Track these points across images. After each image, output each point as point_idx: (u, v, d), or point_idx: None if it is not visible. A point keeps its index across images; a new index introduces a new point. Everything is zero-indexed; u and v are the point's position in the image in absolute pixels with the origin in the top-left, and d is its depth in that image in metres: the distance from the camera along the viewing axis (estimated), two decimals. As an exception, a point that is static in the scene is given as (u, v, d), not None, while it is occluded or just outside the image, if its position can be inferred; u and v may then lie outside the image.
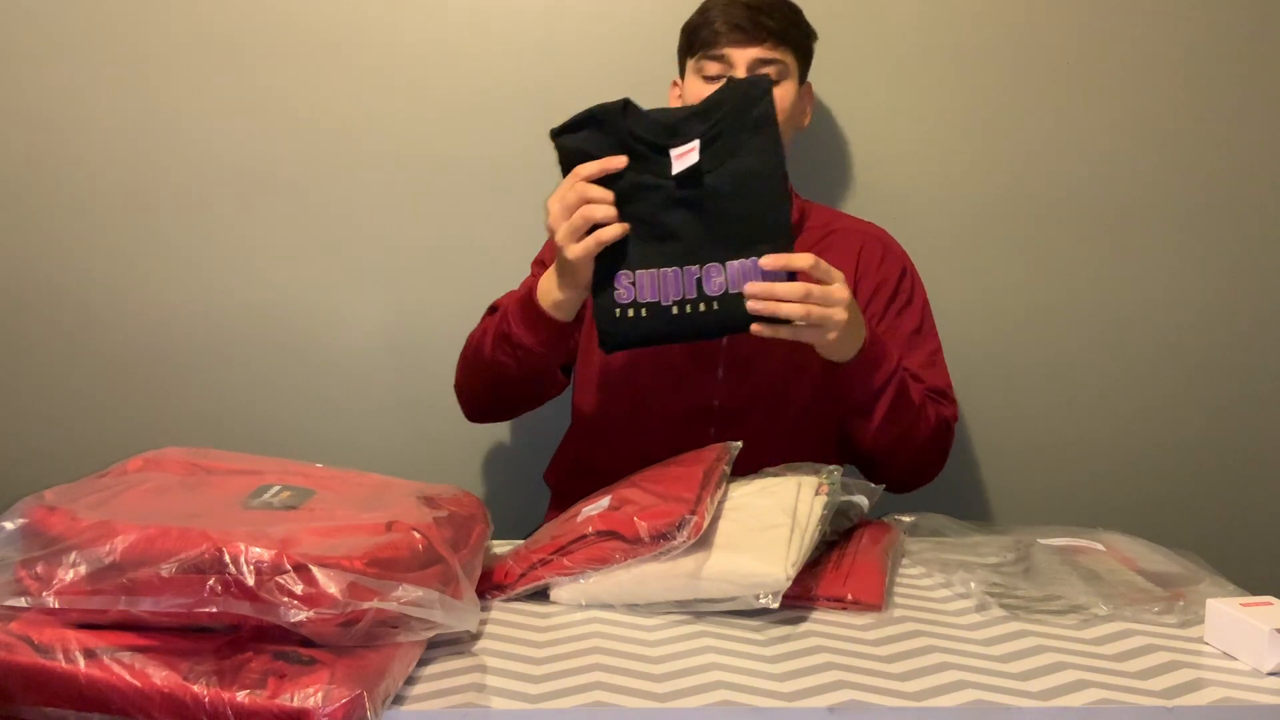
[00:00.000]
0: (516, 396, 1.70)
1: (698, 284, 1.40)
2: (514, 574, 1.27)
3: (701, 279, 1.40)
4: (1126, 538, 1.45)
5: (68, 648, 0.97)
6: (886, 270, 1.71)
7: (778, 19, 1.65)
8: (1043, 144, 2.03)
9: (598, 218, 1.38)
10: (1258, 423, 2.12)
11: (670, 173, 1.40)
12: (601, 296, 1.42)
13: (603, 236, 1.38)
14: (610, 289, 1.42)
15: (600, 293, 1.43)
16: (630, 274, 1.41)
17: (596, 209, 1.38)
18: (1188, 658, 1.14)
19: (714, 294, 1.40)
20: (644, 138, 1.42)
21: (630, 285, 1.41)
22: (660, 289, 1.41)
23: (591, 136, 1.42)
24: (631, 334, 1.43)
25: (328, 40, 1.96)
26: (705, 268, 1.40)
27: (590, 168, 1.39)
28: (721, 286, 1.40)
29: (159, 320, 2.02)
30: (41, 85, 1.96)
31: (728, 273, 1.40)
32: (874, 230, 1.78)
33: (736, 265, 1.39)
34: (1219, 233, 2.07)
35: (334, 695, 0.94)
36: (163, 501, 1.14)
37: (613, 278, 1.42)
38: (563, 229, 1.40)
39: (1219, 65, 2.02)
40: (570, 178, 1.41)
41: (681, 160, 1.39)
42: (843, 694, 1.05)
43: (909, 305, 1.72)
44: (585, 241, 1.39)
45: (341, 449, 2.02)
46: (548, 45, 1.97)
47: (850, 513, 1.42)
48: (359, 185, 2.00)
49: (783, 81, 1.65)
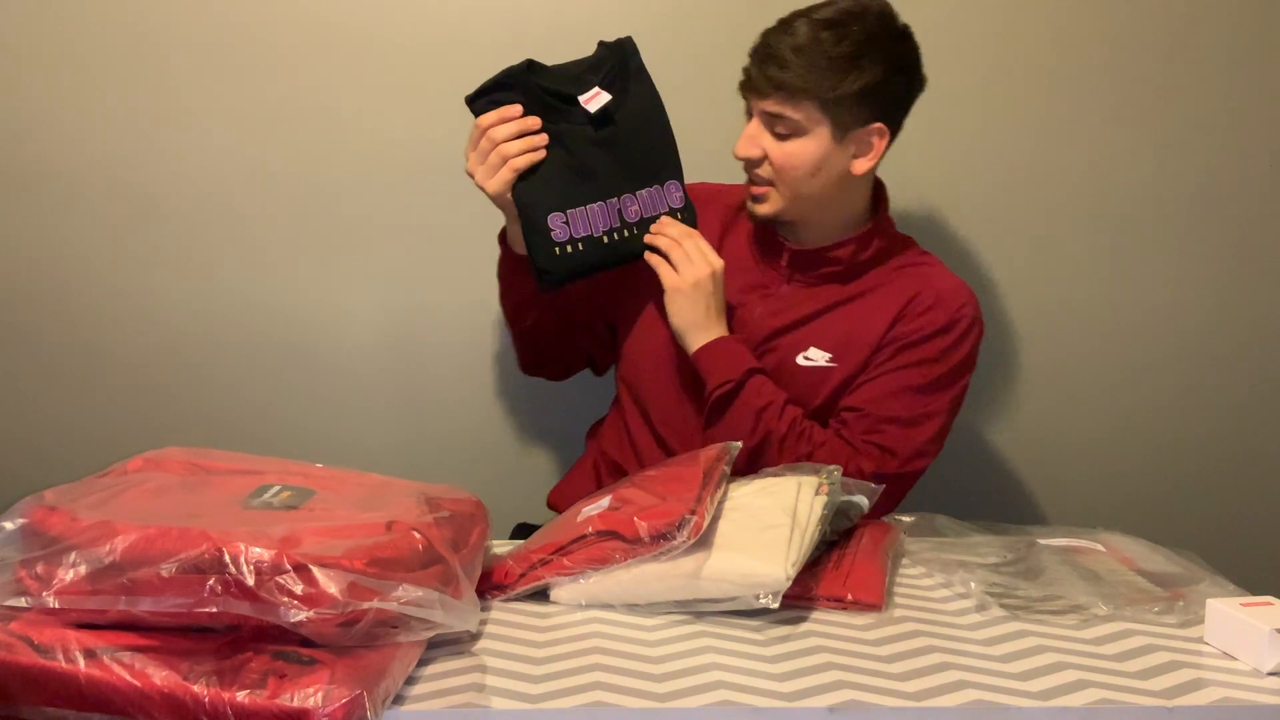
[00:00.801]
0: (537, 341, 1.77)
1: (619, 214, 1.60)
2: (514, 574, 1.27)
3: (621, 209, 1.60)
4: (1126, 538, 1.45)
5: (68, 648, 0.97)
6: (924, 320, 1.61)
7: (795, 70, 1.53)
8: (1043, 144, 2.03)
9: (510, 153, 1.54)
10: (1258, 423, 2.12)
11: (583, 118, 1.58)
12: (536, 238, 1.57)
13: (516, 164, 1.54)
14: (545, 231, 1.57)
15: (535, 235, 1.57)
16: (562, 214, 1.57)
17: (509, 146, 1.54)
18: (1188, 658, 1.14)
19: (633, 220, 1.61)
20: (554, 89, 1.58)
21: (564, 224, 1.57)
22: (590, 223, 1.58)
23: (504, 97, 1.56)
24: (572, 267, 1.59)
25: (329, 41, 1.96)
26: (622, 199, 1.60)
27: (489, 117, 1.55)
28: (638, 213, 1.61)
29: (159, 320, 2.02)
30: (43, 85, 1.96)
31: (639, 201, 1.61)
32: (945, 285, 1.65)
33: (646, 194, 1.62)
34: (1219, 233, 2.07)
35: (334, 695, 0.94)
36: (163, 501, 1.14)
37: (545, 220, 1.56)
38: (479, 171, 1.56)
39: (1220, 65, 2.02)
40: (474, 131, 1.56)
41: (593, 102, 1.58)
42: (843, 694, 1.05)
43: (926, 363, 1.61)
44: (501, 172, 1.54)
45: (341, 449, 2.02)
46: (548, 46, 1.96)
47: (850, 513, 1.42)
48: (359, 185, 2.00)
49: (795, 138, 1.57)
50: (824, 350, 1.63)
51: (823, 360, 1.63)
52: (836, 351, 1.63)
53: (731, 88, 1.62)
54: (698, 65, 1.93)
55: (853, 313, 1.64)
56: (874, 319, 1.63)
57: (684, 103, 1.69)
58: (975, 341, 1.66)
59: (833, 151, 1.58)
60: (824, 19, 1.55)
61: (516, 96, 1.56)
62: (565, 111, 1.58)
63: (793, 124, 1.56)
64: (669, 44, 1.82)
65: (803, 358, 1.63)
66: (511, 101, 1.56)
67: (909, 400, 1.61)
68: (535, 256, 1.58)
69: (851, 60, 1.53)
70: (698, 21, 1.98)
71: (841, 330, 1.63)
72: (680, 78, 1.74)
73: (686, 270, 1.58)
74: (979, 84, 2.00)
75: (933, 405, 1.62)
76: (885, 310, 1.62)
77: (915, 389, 1.61)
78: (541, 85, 1.57)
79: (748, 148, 1.60)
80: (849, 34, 1.54)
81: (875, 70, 1.54)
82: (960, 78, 1.99)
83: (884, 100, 1.57)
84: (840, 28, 1.54)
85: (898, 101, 1.60)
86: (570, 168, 1.57)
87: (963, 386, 1.66)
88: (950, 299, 1.63)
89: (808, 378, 1.63)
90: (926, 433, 1.61)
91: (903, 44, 1.59)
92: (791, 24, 1.56)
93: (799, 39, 1.54)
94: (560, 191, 1.57)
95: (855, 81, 1.54)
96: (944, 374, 1.62)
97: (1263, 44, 2.02)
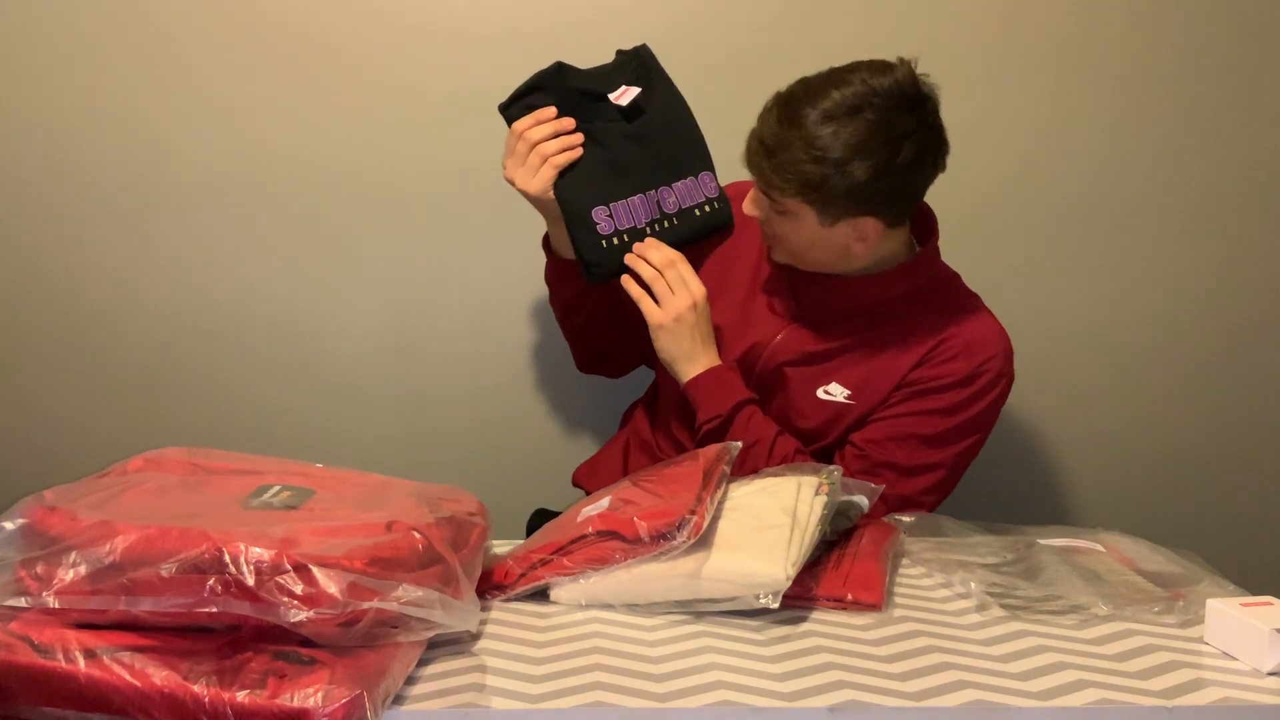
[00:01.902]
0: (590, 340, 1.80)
1: (658, 205, 1.61)
2: (514, 574, 1.27)
3: (659, 200, 1.61)
4: (1126, 538, 1.45)
5: (68, 648, 0.97)
6: (946, 369, 1.57)
7: (779, 168, 1.48)
8: (1038, 144, 2.03)
9: (549, 152, 1.55)
10: (1258, 423, 2.12)
11: (616, 115, 1.60)
12: (583, 233, 1.58)
13: (556, 161, 1.55)
14: (591, 225, 1.57)
15: (581, 230, 1.58)
16: (605, 207, 1.58)
17: (546, 145, 1.55)
18: (1188, 658, 1.14)
19: (671, 211, 1.62)
20: (586, 89, 1.60)
21: (608, 217, 1.58)
22: (632, 215, 1.59)
23: (537, 100, 1.57)
24: (618, 259, 1.59)
25: (329, 43, 1.96)
26: (659, 191, 1.61)
27: (524, 121, 1.56)
28: (675, 204, 1.62)
29: (160, 320, 2.02)
30: (43, 86, 1.96)
31: (675, 193, 1.62)
32: (976, 333, 1.59)
33: (681, 185, 1.62)
34: (1217, 232, 2.07)
35: (334, 695, 0.94)
36: (163, 501, 1.14)
37: (589, 214, 1.57)
38: (519, 174, 1.56)
39: (1215, 65, 2.02)
40: (510, 138, 1.57)
41: (624, 98, 1.60)
42: (843, 694, 1.05)
43: (937, 414, 1.57)
44: (542, 171, 1.55)
45: (341, 449, 2.03)
46: (548, 46, 1.96)
47: (850, 513, 1.42)
48: (360, 186, 2.00)
49: (785, 218, 1.54)
50: (845, 386, 1.60)
51: (841, 396, 1.60)
52: (857, 389, 1.60)
53: (747, 89, 1.60)
54: (709, 67, 1.93)
55: (879, 349, 1.60)
56: (899, 358, 1.59)
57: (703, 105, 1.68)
58: (999, 396, 1.59)
59: (824, 234, 1.53)
60: (826, 111, 1.46)
61: (549, 98, 1.57)
62: (598, 109, 1.60)
63: (781, 206, 1.53)
64: (669, 47, 1.82)
65: (823, 391, 1.61)
66: (545, 103, 1.57)
67: (911, 449, 1.58)
68: (582, 251, 1.58)
69: (838, 164, 1.45)
70: (712, 21, 1.98)
71: (865, 367, 1.60)
72: (700, 78, 1.74)
73: (669, 304, 1.56)
74: (975, 85, 2.00)
75: (935, 458, 1.58)
76: (911, 351, 1.58)
77: (921, 439, 1.58)
78: (573, 85, 1.59)
79: (750, 208, 1.60)
80: (842, 134, 1.45)
81: (861, 174, 1.46)
82: (956, 77, 1.99)
83: (870, 198, 1.49)
84: (835, 124, 1.45)
85: (886, 198, 1.51)
86: (607, 163, 1.58)
87: (975, 441, 1.61)
88: (978, 349, 1.57)
89: (826, 411, 1.61)
90: (921, 484, 1.58)
91: (901, 144, 1.47)
92: (796, 113, 1.47)
93: (792, 132, 1.47)
94: (601, 186, 1.58)
95: (839, 184, 1.47)
96: (954, 428, 1.58)
97: (1257, 47, 2.02)
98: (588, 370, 1.88)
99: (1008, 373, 1.60)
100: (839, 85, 1.47)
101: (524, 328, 2.04)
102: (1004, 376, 1.59)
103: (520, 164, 1.56)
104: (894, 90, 1.47)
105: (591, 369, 1.87)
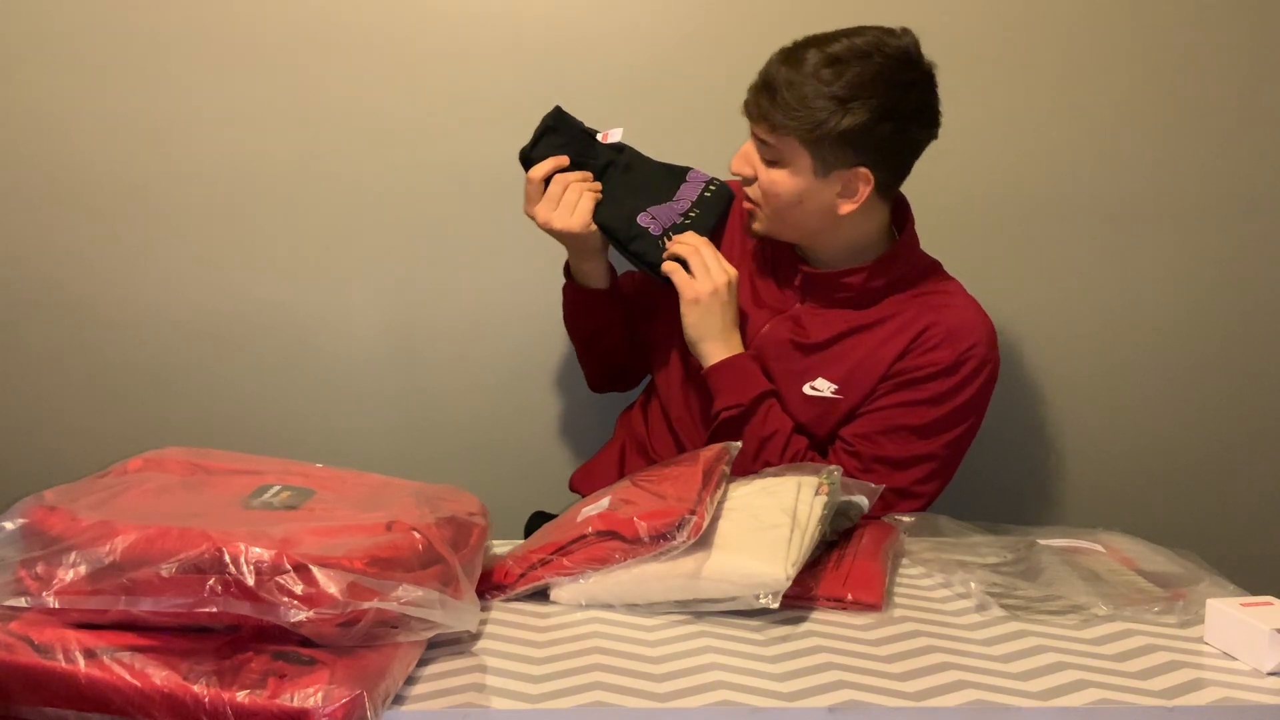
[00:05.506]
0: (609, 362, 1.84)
1: (675, 209, 1.71)
2: (514, 574, 1.27)
3: (676, 201, 1.71)
4: (1126, 538, 1.45)
5: (68, 648, 0.97)
6: (929, 358, 1.57)
7: (782, 104, 1.50)
8: (1035, 142, 2.03)
9: (585, 187, 1.64)
10: (1258, 422, 2.12)
11: (610, 152, 1.70)
12: (639, 241, 1.65)
13: (595, 186, 1.64)
14: (642, 232, 1.65)
15: (637, 239, 1.65)
16: (647, 213, 1.67)
17: (580, 184, 1.64)
18: (1188, 658, 1.14)
19: (688, 207, 1.71)
20: (586, 129, 1.70)
21: (651, 219, 1.66)
22: (668, 216, 1.68)
23: (553, 141, 1.66)
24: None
25: (330, 43, 1.96)
26: (673, 198, 1.72)
27: (540, 170, 1.64)
28: (687, 200, 1.72)
29: (159, 320, 2.02)
30: (44, 86, 1.96)
31: (681, 193, 1.72)
32: (959, 320, 1.59)
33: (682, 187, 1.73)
34: (1217, 231, 2.06)
35: (334, 695, 0.94)
36: (163, 501, 1.14)
37: (638, 223, 1.66)
38: (556, 215, 1.62)
39: (1213, 63, 2.02)
40: (528, 186, 1.64)
41: (610, 137, 1.71)
42: (843, 694, 1.05)
43: (923, 404, 1.57)
44: (583, 201, 1.63)
45: (341, 449, 2.03)
46: (549, 47, 1.97)
47: (850, 513, 1.42)
48: (360, 186, 2.00)
49: (778, 167, 1.55)
50: (831, 381, 1.60)
51: (828, 391, 1.60)
52: (843, 383, 1.60)
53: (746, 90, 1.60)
54: (710, 68, 1.93)
55: (863, 342, 1.60)
56: (883, 350, 1.59)
57: (700, 110, 1.68)
58: (984, 383, 1.59)
59: (815, 186, 1.54)
60: (831, 54, 1.49)
61: (560, 139, 1.66)
62: (597, 147, 1.70)
63: (776, 152, 1.54)
64: (668, 48, 1.82)
65: (809, 388, 1.61)
66: (558, 142, 1.66)
67: (901, 441, 1.58)
68: (648, 254, 1.64)
69: (840, 102, 1.48)
70: (713, 22, 1.98)
71: (851, 361, 1.60)
72: (701, 79, 1.74)
73: (704, 279, 1.59)
74: (972, 85, 2.00)
75: (926, 448, 1.58)
76: (895, 341, 1.59)
77: (910, 430, 1.58)
78: (575, 125, 1.69)
79: (740, 164, 1.60)
80: (847, 73, 1.48)
81: (862, 114, 1.48)
82: (954, 77, 1.99)
83: (867, 145, 1.51)
84: (841, 65, 1.48)
85: (883, 148, 1.52)
86: (625, 185, 1.68)
87: (967, 429, 1.60)
88: (961, 336, 1.58)
89: (813, 408, 1.61)
90: (915, 475, 1.58)
91: (905, 92, 1.51)
92: (800, 53, 1.51)
93: (797, 72, 1.50)
94: (632, 200, 1.67)
95: (839, 123, 1.49)
96: (942, 417, 1.58)
97: (1258, 43, 2.02)
98: (601, 390, 1.90)
99: (992, 358, 1.60)
100: (848, 35, 1.52)
101: (524, 329, 2.04)
102: (988, 363, 1.59)
103: (554, 205, 1.63)
104: (901, 49, 1.52)
105: (605, 389, 1.90)
